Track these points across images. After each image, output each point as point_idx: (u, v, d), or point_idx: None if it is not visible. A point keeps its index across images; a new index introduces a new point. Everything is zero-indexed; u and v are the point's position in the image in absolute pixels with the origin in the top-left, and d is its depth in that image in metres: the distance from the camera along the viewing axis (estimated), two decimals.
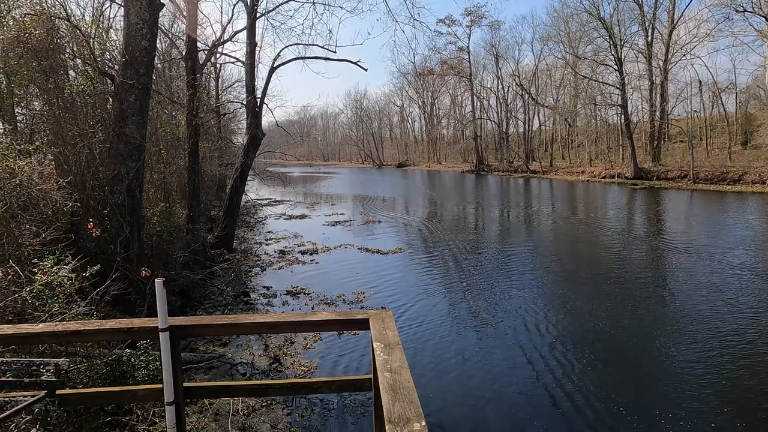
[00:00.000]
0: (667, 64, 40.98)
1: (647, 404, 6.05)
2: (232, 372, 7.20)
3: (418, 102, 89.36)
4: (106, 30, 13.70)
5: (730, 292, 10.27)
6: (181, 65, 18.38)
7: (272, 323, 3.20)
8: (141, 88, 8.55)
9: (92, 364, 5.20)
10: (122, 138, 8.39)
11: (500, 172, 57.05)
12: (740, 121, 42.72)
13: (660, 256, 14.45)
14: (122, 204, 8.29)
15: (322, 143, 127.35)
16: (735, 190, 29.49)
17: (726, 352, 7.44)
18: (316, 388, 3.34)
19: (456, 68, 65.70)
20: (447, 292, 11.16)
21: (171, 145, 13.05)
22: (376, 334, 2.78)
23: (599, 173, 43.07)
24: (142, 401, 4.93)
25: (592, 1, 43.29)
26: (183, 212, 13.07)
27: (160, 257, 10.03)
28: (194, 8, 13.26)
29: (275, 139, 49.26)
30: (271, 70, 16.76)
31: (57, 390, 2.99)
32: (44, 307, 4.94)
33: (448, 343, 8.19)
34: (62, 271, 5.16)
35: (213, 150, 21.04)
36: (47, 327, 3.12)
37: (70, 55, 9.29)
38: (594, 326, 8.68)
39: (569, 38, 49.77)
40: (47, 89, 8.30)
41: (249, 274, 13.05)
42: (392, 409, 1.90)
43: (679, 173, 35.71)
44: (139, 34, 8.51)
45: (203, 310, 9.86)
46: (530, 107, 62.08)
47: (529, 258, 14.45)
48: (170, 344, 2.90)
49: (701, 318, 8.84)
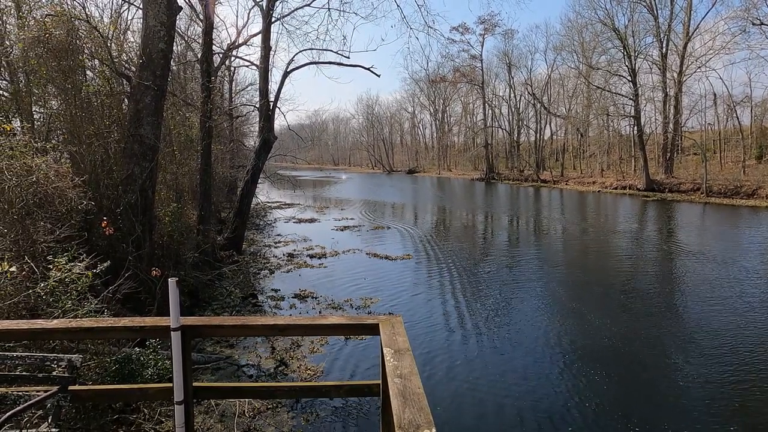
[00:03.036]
0: (682, 76, 40.65)
1: (658, 419, 5.98)
2: (238, 374, 7.22)
3: (430, 109, 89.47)
4: (124, 32, 13.90)
5: (744, 306, 10.13)
6: (196, 68, 18.58)
7: (282, 326, 3.21)
8: (157, 90, 8.65)
9: (102, 362, 5.25)
10: (137, 138, 8.50)
11: (510, 181, 56.85)
12: (755, 135, 42.25)
13: (672, 269, 14.30)
14: (135, 203, 8.37)
15: (333, 148, 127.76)
16: (749, 205, 29.11)
17: (740, 368, 7.34)
18: (325, 392, 3.34)
19: (468, 76, 65.75)
20: (455, 299, 11.11)
21: (184, 147, 13.18)
22: (386, 339, 2.78)
23: (610, 184, 42.74)
24: (152, 400, 4.96)
25: (607, 12, 43.21)
26: (194, 213, 13.17)
27: (170, 257, 10.11)
28: (211, 12, 13.41)
29: (286, 142, 49.44)
30: (284, 74, 16.89)
31: (69, 386, 3.02)
32: (57, 303, 5.00)
33: (457, 351, 8.15)
34: (76, 269, 5.22)
35: (225, 152, 21.21)
36: (61, 323, 3.15)
37: (88, 56, 9.43)
38: (606, 339, 8.60)
39: (583, 48, 49.62)
40: (65, 89, 8.43)
41: (257, 277, 13.10)
42: (402, 415, 1.90)
43: (691, 186, 35.34)
44: (157, 36, 8.63)
45: (211, 311, 9.90)
46: (542, 116, 61.88)
47: (538, 267, 14.36)
48: (181, 344, 2.92)
49: (715, 332, 8.73)
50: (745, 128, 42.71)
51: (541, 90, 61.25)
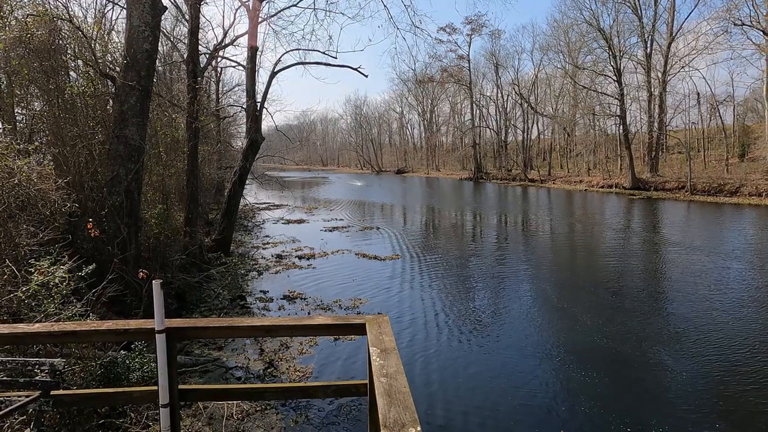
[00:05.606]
0: (666, 75, 41.22)
1: (645, 416, 6.05)
2: (227, 376, 7.18)
3: (418, 109, 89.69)
4: (108, 32, 13.73)
5: (729, 302, 10.28)
6: (182, 68, 18.43)
7: (269, 327, 3.20)
8: (142, 91, 8.57)
9: (87, 366, 5.18)
10: (122, 140, 8.40)
11: (498, 180, 57.16)
12: (738, 134, 43.02)
13: (658, 266, 14.49)
14: (120, 205, 8.29)
15: (321, 148, 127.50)
16: (732, 202, 29.59)
17: (725, 363, 7.45)
18: (312, 392, 3.33)
19: (456, 76, 65.95)
20: (444, 299, 11.15)
21: (170, 148, 13.06)
22: (372, 339, 2.78)
23: (597, 183, 43.18)
24: (136, 403, 4.91)
25: (592, 12, 43.64)
26: (181, 215, 13.06)
27: (157, 259, 10.02)
28: (197, 12, 13.31)
29: (274, 143, 49.36)
30: (271, 75, 16.83)
31: (52, 390, 2.98)
32: (40, 307, 4.93)
33: (445, 349, 8.18)
34: (59, 272, 5.15)
35: (212, 153, 21.05)
36: (43, 327, 3.11)
37: (72, 56, 9.30)
38: (591, 336, 8.69)
39: (569, 48, 50.06)
40: (48, 90, 8.31)
41: (246, 278, 13.02)
42: (388, 414, 1.90)
43: (676, 184, 35.83)
44: (141, 36, 8.54)
45: (199, 313, 9.82)
46: (529, 116, 62.38)
47: (526, 266, 14.46)
48: (166, 346, 2.89)
49: (701, 329, 8.85)
50: (727, 127, 43.45)
51: (528, 90, 61.72)
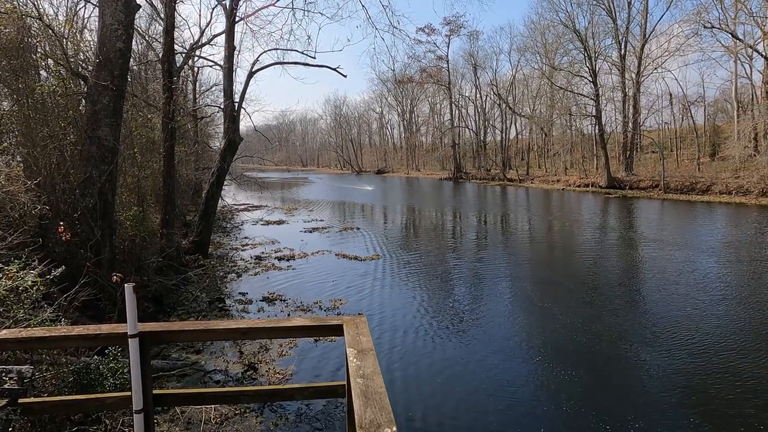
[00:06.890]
0: (640, 76, 42.13)
1: (622, 412, 6.16)
2: (205, 380, 7.08)
3: (398, 109, 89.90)
4: (80, 30, 13.46)
5: (706, 297, 10.55)
6: (157, 68, 18.11)
7: (245, 329, 3.16)
8: (115, 90, 8.39)
9: (59, 372, 5.05)
10: (94, 140, 8.22)
11: (477, 180, 57.65)
12: (708, 134, 44.20)
13: (634, 262, 14.78)
14: (93, 208, 8.10)
15: (301, 149, 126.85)
16: (703, 200, 30.38)
17: (698, 357, 7.64)
18: (290, 394, 3.31)
19: (435, 76, 66.32)
20: (423, 298, 11.19)
21: (146, 149, 12.83)
22: (349, 339, 2.77)
23: (574, 182, 43.88)
24: (110, 410, 4.80)
25: (568, 14, 44.43)
26: (157, 217, 12.83)
27: (132, 262, 9.83)
28: (172, 10, 13.09)
29: (253, 143, 48.85)
30: (249, 75, 16.67)
31: (20, 398, 2.89)
32: (8, 312, 4.79)
33: (423, 349, 8.21)
34: (28, 276, 5.00)
35: (189, 154, 20.75)
36: (11, 333, 3.02)
37: (42, 55, 9.08)
38: (568, 333, 8.82)
39: (546, 49, 50.81)
40: (17, 89, 8.10)
41: (224, 280, 12.87)
42: (364, 415, 1.90)
43: (650, 183, 36.64)
44: (114, 35, 8.37)
45: (176, 317, 9.67)
46: (507, 116, 63.14)
47: (504, 265, 14.61)
48: (140, 350, 2.84)
49: (676, 324, 9.06)
50: (699, 127, 44.65)
51: (506, 90, 62.38)
